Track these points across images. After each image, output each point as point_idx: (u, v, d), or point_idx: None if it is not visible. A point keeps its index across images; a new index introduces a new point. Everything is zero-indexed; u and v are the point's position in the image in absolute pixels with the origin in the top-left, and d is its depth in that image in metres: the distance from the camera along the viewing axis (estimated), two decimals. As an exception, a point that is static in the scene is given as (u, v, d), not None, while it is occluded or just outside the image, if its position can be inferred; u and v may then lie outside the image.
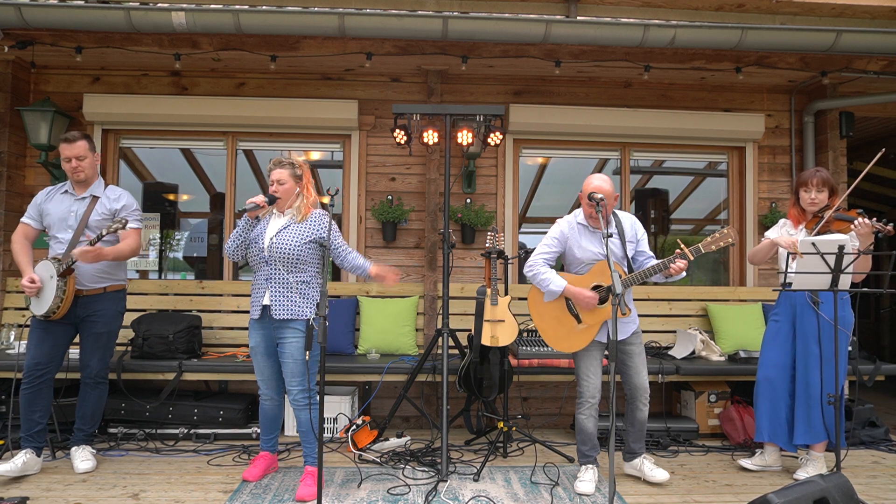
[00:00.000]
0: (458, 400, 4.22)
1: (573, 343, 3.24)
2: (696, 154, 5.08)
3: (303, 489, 2.99)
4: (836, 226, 3.27)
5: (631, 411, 3.27)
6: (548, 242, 3.28)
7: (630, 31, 3.92)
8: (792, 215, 3.49)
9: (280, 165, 3.16)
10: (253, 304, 3.15)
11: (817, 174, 3.36)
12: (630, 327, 3.23)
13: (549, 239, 3.29)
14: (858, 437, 4.08)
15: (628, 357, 3.23)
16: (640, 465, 3.31)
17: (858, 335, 4.41)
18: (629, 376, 3.24)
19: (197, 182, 5.13)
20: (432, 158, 4.61)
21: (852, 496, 2.56)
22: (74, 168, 3.34)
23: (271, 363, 3.19)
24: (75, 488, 3.10)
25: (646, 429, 3.33)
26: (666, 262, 3.05)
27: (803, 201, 3.39)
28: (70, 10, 3.77)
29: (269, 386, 3.22)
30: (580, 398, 3.25)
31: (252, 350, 3.19)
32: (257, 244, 3.11)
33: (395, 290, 4.61)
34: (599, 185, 3.11)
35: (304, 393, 3.04)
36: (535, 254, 3.28)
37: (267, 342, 3.15)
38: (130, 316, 4.17)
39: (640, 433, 3.32)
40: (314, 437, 3.06)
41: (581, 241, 3.23)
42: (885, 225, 3.08)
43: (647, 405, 3.24)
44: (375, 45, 4.14)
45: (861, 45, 4.00)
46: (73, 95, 4.60)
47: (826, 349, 3.21)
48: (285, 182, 3.14)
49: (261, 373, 3.21)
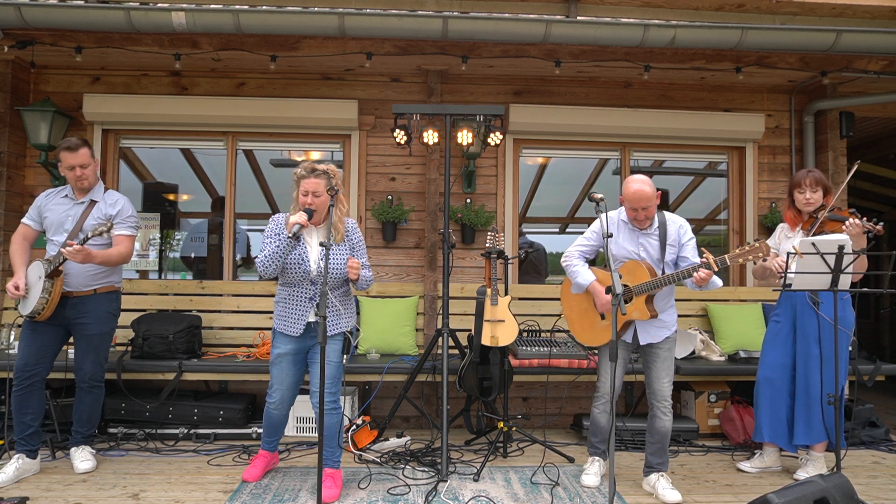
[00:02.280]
0: (458, 400, 4.22)
1: (595, 338, 3.25)
2: (696, 154, 5.08)
3: (326, 491, 2.94)
4: (829, 226, 3.26)
5: (651, 418, 3.17)
6: (588, 236, 3.30)
7: (630, 31, 3.92)
8: (788, 218, 3.49)
9: (314, 174, 2.96)
10: (289, 320, 3.08)
11: (810, 174, 3.36)
12: (662, 332, 3.14)
13: (589, 232, 3.31)
14: (858, 437, 4.08)
15: (652, 361, 3.16)
16: (655, 482, 3.11)
17: (858, 335, 4.41)
18: (650, 380, 3.18)
19: (197, 182, 5.13)
20: (432, 158, 4.61)
21: (852, 496, 2.56)
22: (79, 177, 3.32)
23: (296, 371, 3.15)
24: (75, 488, 3.10)
25: (668, 444, 3.15)
26: (690, 269, 2.97)
27: (798, 202, 3.39)
28: (70, 10, 3.76)
29: (284, 395, 3.15)
30: (597, 392, 3.27)
31: (279, 357, 3.11)
32: (301, 266, 3.02)
33: (395, 290, 4.61)
34: (639, 188, 3.04)
35: (336, 396, 3.06)
36: (574, 245, 3.31)
37: (298, 352, 3.12)
38: (130, 316, 4.17)
39: (660, 446, 3.13)
40: (336, 442, 3.09)
41: (619, 237, 3.21)
42: (875, 225, 3.09)
43: (667, 415, 3.11)
44: (375, 45, 4.13)
45: (861, 45, 4.00)
46: (73, 95, 4.60)
47: (826, 349, 3.20)
48: (321, 194, 2.97)
49: (281, 381, 3.13)
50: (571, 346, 4.11)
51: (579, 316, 3.33)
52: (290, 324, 3.09)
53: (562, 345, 4.09)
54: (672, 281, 3.01)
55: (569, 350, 4.03)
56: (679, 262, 3.17)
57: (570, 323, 3.37)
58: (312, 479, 3.27)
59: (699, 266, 2.93)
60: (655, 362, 3.15)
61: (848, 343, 3.32)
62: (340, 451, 3.18)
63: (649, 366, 3.17)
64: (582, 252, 3.28)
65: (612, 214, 3.26)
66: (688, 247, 3.16)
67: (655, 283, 3.02)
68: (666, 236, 3.15)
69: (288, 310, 3.10)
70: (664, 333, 3.14)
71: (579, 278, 3.21)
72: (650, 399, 3.17)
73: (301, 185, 2.99)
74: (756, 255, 2.91)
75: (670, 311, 3.20)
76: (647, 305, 3.07)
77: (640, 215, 3.10)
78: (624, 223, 3.23)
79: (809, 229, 3.32)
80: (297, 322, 3.08)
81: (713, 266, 2.89)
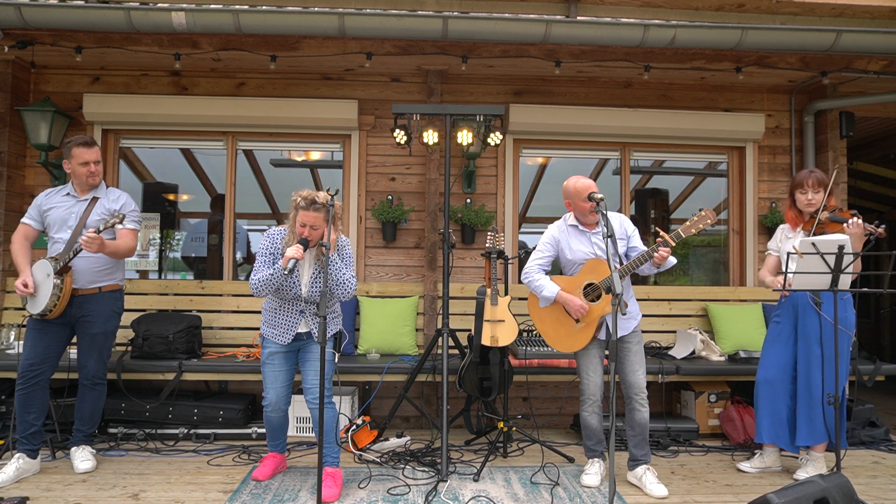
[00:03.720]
0: (458, 400, 4.22)
1: (574, 343, 3.25)
2: (696, 154, 5.08)
3: (326, 490, 2.96)
4: (830, 227, 3.28)
5: (629, 412, 3.23)
6: (541, 248, 3.35)
7: (630, 32, 3.92)
8: (789, 218, 3.50)
9: (314, 208, 2.95)
10: (279, 329, 3.12)
11: (812, 175, 3.37)
12: (630, 324, 3.22)
13: (541, 245, 3.36)
14: (858, 437, 4.08)
15: (625, 354, 3.22)
16: (641, 475, 3.19)
17: (858, 335, 4.41)
18: (624, 374, 3.23)
19: (197, 182, 5.13)
20: (432, 158, 4.61)
21: (852, 496, 2.56)
22: (92, 172, 3.37)
23: (288, 368, 3.19)
24: (75, 488, 3.10)
25: (648, 434, 3.24)
26: (650, 251, 3.06)
27: (800, 203, 3.40)
28: (70, 10, 3.76)
29: (279, 396, 3.17)
30: (582, 395, 3.29)
31: (271, 356, 3.15)
32: (293, 290, 3.07)
33: (395, 290, 4.61)
34: (589, 183, 3.17)
35: (331, 392, 3.12)
36: (531, 260, 3.35)
37: (290, 350, 3.17)
38: (130, 316, 4.17)
39: (642, 438, 3.22)
40: (334, 438, 3.12)
41: (571, 242, 3.28)
42: (878, 227, 3.12)
43: (644, 406, 3.19)
44: (375, 45, 4.13)
45: (861, 45, 4.00)
46: (73, 95, 4.60)
47: (827, 349, 3.20)
48: (319, 227, 3.00)
49: (274, 380, 3.16)
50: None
51: (553, 326, 3.31)
52: (279, 334, 3.13)
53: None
54: (635, 266, 3.10)
55: (569, 350, 4.03)
56: (629, 253, 3.27)
57: (546, 335, 3.34)
58: (312, 478, 3.27)
59: (657, 246, 3.03)
60: (628, 356, 3.22)
61: (849, 343, 3.32)
62: (339, 448, 3.18)
63: (622, 360, 3.23)
64: (541, 265, 3.33)
65: (558, 223, 3.38)
66: (634, 238, 3.29)
67: (621, 272, 3.07)
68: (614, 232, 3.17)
69: (277, 320, 3.14)
70: (632, 324, 3.24)
71: (545, 292, 3.24)
72: (627, 392, 3.23)
73: (300, 216, 2.99)
74: (704, 221, 3.06)
75: (632, 301, 3.31)
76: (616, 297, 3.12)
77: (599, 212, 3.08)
78: (572, 227, 3.31)
79: (810, 230, 3.32)
80: (286, 333, 3.12)
81: (670, 242, 3.02)
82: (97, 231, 3.16)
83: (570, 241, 3.28)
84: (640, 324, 3.30)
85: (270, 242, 3.11)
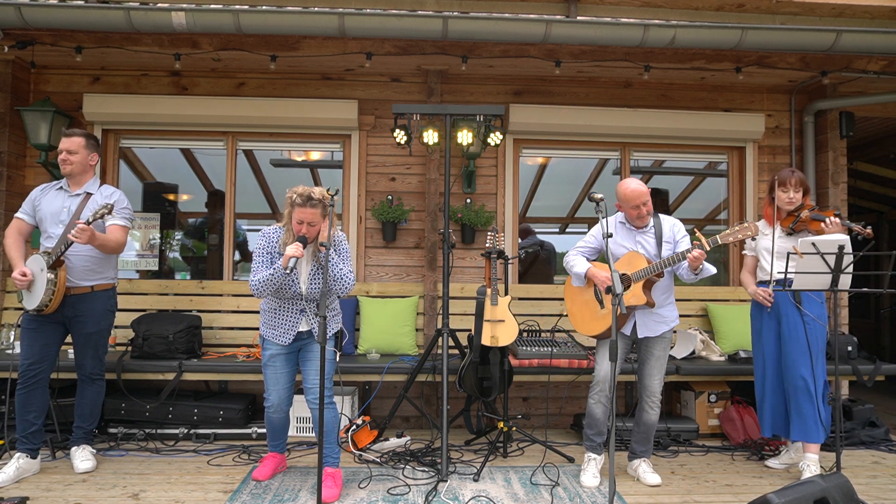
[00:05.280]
0: (458, 400, 4.22)
1: (595, 327, 3.35)
2: (696, 154, 5.07)
3: (326, 491, 2.95)
4: (812, 225, 3.38)
5: (638, 411, 3.37)
6: (588, 239, 3.48)
7: (630, 32, 3.92)
8: (767, 214, 3.59)
9: (311, 204, 2.94)
10: (279, 330, 3.11)
11: (794, 174, 3.47)
12: (661, 327, 3.29)
13: (589, 236, 3.49)
14: (858, 437, 4.08)
15: (647, 358, 3.32)
16: (637, 466, 3.37)
17: (858, 335, 4.41)
18: (642, 376, 3.34)
19: (197, 182, 5.12)
20: (432, 158, 4.61)
21: (852, 496, 2.56)
22: (63, 160, 3.38)
23: (290, 369, 3.18)
24: (75, 488, 3.10)
25: (652, 434, 3.38)
26: (683, 253, 3.09)
27: (780, 200, 3.48)
28: (70, 10, 3.76)
29: (281, 398, 3.15)
30: (593, 381, 3.35)
31: (272, 358, 3.14)
32: (292, 288, 3.07)
33: (395, 290, 4.61)
34: (640, 192, 3.23)
35: (331, 391, 3.13)
36: (575, 247, 3.49)
37: (290, 351, 3.16)
38: (130, 316, 4.18)
39: (645, 436, 3.37)
40: (334, 439, 3.12)
41: (618, 237, 3.38)
42: (864, 228, 3.20)
43: (654, 409, 3.31)
44: (375, 45, 4.13)
45: (861, 45, 4.00)
46: (73, 95, 4.60)
47: (813, 346, 3.30)
48: (316, 223, 2.99)
49: (276, 381, 3.15)
50: (571, 346, 4.11)
51: (580, 308, 3.47)
52: (280, 334, 3.12)
53: (562, 345, 4.09)
54: (668, 265, 3.14)
55: (569, 350, 4.03)
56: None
57: (572, 316, 3.51)
58: (312, 478, 3.27)
59: (692, 248, 3.07)
60: (650, 360, 3.31)
61: (825, 339, 3.43)
62: (339, 448, 3.18)
63: (643, 362, 3.33)
64: (582, 252, 3.46)
65: (611, 219, 3.41)
66: (681, 243, 3.34)
67: (652, 267, 3.17)
68: (661, 234, 3.34)
69: (277, 321, 3.13)
70: (662, 328, 3.29)
71: (577, 269, 3.38)
72: (640, 393, 3.35)
73: (296, 212, 2.97)
74: (745, 233, 3.10)
75: (670, 307, 3.34)
76: (645, 291, 3.20)
77: (643, 210, 3.25)
78: (622, 224, 3.40)
79: (790, 227, 3.43)
80: (287, 333, 3.11)
81: (705, 245, 3.06)
82: (87, 223, 3.14)
83: (617, 237, 3.37)
84: (671, 330, 3.32)
85: (267, 242, 3.08)
